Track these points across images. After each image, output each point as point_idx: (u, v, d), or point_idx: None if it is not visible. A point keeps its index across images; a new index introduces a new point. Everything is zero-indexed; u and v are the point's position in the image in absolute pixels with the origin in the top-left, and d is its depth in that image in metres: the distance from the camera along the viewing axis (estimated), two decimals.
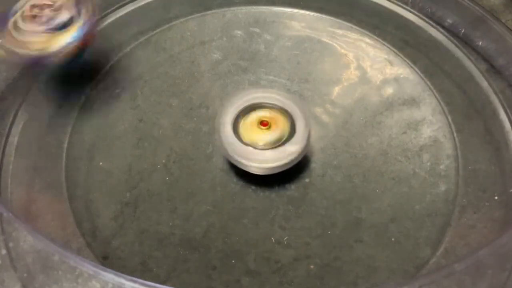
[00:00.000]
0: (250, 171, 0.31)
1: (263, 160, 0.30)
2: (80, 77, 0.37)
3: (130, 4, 0.41)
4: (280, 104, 0.32)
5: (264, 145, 0.31)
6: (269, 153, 0.30)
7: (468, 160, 0.33)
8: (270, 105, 0.32)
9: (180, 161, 0.34)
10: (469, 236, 0.30)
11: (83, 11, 0.33)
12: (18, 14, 0.32)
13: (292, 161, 0.31)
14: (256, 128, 0.31)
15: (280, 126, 0.31)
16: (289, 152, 0.31)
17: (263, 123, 0.32)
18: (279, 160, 0.30)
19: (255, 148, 0.31)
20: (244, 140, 0.31)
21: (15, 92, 0.35)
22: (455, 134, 0.35)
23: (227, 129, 0.31)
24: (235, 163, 0.31)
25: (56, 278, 0.24)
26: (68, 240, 0.30)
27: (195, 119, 0.35)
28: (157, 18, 0.41)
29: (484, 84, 0.36)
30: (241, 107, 0.32)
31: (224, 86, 0.37)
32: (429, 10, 0.40)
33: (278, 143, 0.31)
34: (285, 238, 0.31)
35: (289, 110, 0.32)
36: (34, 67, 0.33)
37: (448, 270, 0.23)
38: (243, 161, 0.31)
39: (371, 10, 0.41)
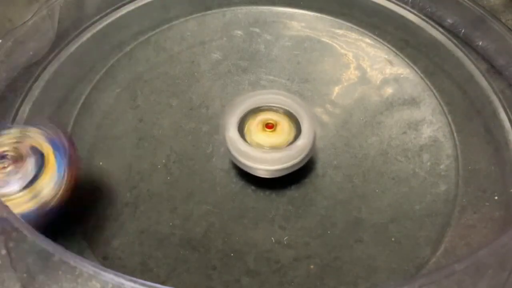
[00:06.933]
0: (257, 174, 0.31)
1: (269, 163, 0.30)
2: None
3: (130, 4, 0.41)
4: (285, 106, 0.32)
5: (269, 147, 0.31)
6: (275, 156, 0.30)
7: (468, 160, 0.33)
8: (275, 108, 0.32)
9: (180, 161, 0.34)
10: (469, 236, 0.30)
11: (55, 141, 0.28)
12: None
13: (298, 163, 0.31)
14: (261, 131, 0.31)
15: (285, 128, 0.31)
16: (294, 155, 0.30)
17: (268, 126, 0.31)
18: (284, 162, 0.30)
19: (260, 151, 0.30)
20: (249, 143, 0.31)
21: (15, 92, 0.35)
22: (455, 134, 0.35)
23: (232, 132, 0.31)
24: (241, 166, 0.31)
25: (56, 278, 0.24)
26: (68, 240, 0.30)
27: (195, 119, 0.35)
28: (157, 18, 0.41)
29: (484, 84, 0.36)
30: (246, 110, 0.32)
31: (224, 86, 0.37)
32: (429, 10, 0.40)
33: (284, 145, 0.31)
34: (285, 238, 0.31)
35: (294, 112, 0.32)
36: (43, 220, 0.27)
37: (448, 270, 0.23)
38: (250, 164, 0.30)
39: (371, 10, 0.41)
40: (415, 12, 0.40)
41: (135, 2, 0.41)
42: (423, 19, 0.40)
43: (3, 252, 0.26)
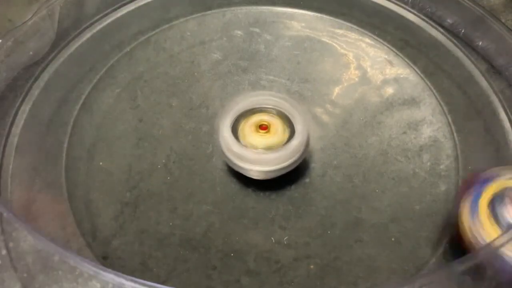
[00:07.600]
0: (251, 176, 0.31)
1: (262, 164, 0.30)
2: None
3: (130, 4, 0.41)
4: (278, 108, 0.32)
5: (263, 149, 0.31)
6: (268, 157, 0.30)
7: (468, 160, 0.33)
8: (269, 109, 0.32)
9: (180, 161, 0.34)
10: None
11: None
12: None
13: (291, 165, 0.31)
14: (255, 132, 0.31)
15: (279, 130, 0.31)
16: (288, 156, 0.30)
17: (262, 127, 0.31)
18: (277, 164, 0.30)
19: (254, 152, 0.30)
20: (243, 145, 0.31)
21: (15, 92, 0.35)
22: (455, 134, 0.35)
23: (226, 134, 0.31)
24: (235, 168, 0.31)
25: (56, 278, 0.24)
26: (68, 240, 0.30)
27: (195, 119, 0.35)
28: (157, 18, 0.41)
29: (484, 84, 0.36)
30: (240, 111, 0.32)
31: (224, 86, 0.37)
32: (429, 10, 0.40)
33: (277, 146, 0.31)
34: (285, 238, 0.31)
35: (287, 113, 0.32)
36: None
37: (448, 270, 0.23)
38: (244, 165, 0.30)
39: (371, 10, 0.41)
40: (415, 12, 0.40)
41: (135, 2, 0.41)
42: (423, 19, 0.40)
43: (3, 252, 0.26)
